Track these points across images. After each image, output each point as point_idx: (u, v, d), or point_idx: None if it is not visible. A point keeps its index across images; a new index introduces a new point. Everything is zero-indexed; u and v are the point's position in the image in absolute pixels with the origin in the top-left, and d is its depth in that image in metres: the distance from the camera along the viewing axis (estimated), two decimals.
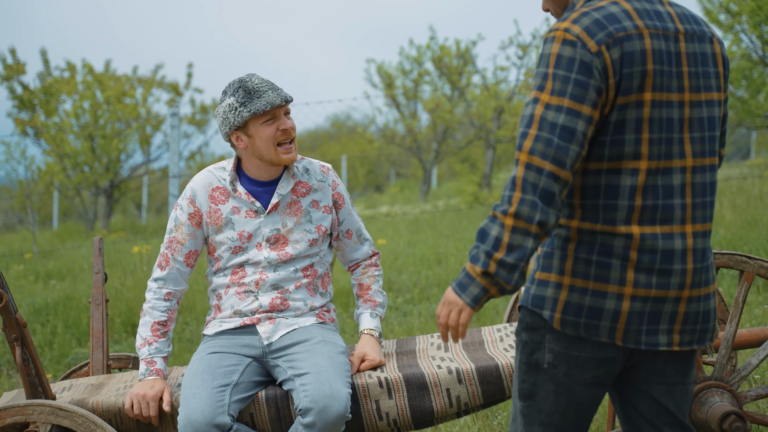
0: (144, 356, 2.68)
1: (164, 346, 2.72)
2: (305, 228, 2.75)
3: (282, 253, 2.71)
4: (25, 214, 16.53)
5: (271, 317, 2.71)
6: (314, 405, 2.43)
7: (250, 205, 2.72)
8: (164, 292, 2.74)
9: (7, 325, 2.54)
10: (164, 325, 2.73)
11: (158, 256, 2.78)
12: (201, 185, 2.75)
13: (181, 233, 2.74)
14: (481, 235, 1.79)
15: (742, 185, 9.02)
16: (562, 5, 1.98)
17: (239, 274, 2.73)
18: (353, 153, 21.75)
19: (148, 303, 2.73)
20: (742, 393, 2.41)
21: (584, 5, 1.87)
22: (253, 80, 2.63)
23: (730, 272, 5.67)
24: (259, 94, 2.62)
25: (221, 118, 2.67)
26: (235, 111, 2.61)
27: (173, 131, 7.02)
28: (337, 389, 2.46)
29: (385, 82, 16.13)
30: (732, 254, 2.43)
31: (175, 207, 2.78)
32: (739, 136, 19.97)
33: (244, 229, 2.71)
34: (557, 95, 1.76)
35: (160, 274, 2.75)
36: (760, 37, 11.10)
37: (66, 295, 6.58)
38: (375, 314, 2.85)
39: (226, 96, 2.67)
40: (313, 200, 2.78)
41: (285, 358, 2.64)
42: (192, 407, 2.42)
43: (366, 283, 2.88)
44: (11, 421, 2.49)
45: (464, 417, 3.72)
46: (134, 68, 15.11)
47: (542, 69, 1.80)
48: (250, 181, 2.75)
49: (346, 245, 2.89)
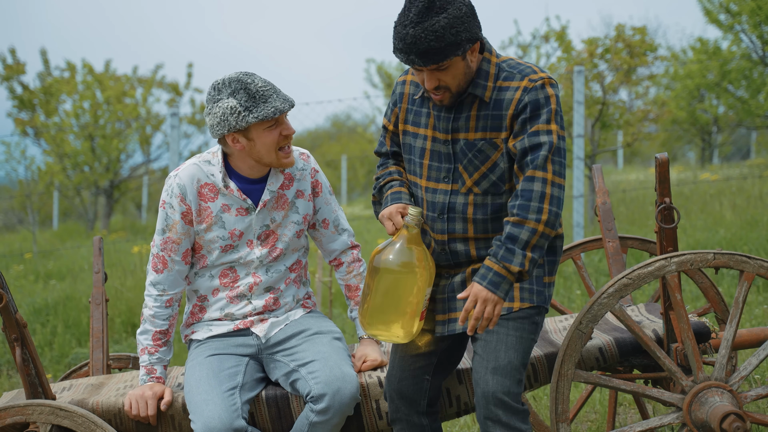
0: (145, 363, 2.66)
1: (165, 354, 2.69)
2: (292, 220, 2.71)
3: (272, 249, 2.68)
4: (25, 214, 16.53)
5: (263, 318, 2.70)
6: (328, 389, 2.42)
7: (242, 202, 2.66)
8: (165, 299, 2.66)
9: (7, 325, 2.54)
10: (166, 333, 2.68)
11: (151, 258, 2.68)
12: (188, 181, 2.62)
13: (175, 233, 2.64)
14: (510, 239, 2.25)
15: (742, 185, 9.03)
16: (469, 77, 2.36)
17: (230, 277, 2.68)
18: (353, 153, 21.73)
19: (149, 310, 2.66)
20: (742, 393, 2.41)
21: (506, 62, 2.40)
22: (256, 82, 2.50)
23: (730, 272, 5.66)
24: (264, 98, 2.50)
25: (218, 119, 2.51)
26: (238, 115, 2.48)
27: (173, 131, 7.02)
28: (347, 372, 2.47)
29: (385, 82, 16.13)
30: (732, 254, 2.43)
31: (162, 205, 2.66)
32: (739, 136, 19.97)
33: (236, 227, 2.66)
34: (562, 129, 2.33)
35: (158, 277, 2.66)
36: (760, 37, 11.09)
37: (66, 295, 6.58)
38: None
39: (222, 95, 2.51)
40: (298, 190, 2.72)
41: (283, 352, 2.63)
42: (209, 414, 2.40)
43: (353, 284, 2.83)
44: (11, 421, 2.49)
45: (464, 416, 3.73)
46: (134, 68, 15.12)
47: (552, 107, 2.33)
48: (238, 177, 2.66)
49: (323, 235, 2.81)
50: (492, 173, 2.36)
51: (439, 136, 2.41)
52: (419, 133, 2.46)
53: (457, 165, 2.39)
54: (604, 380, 2.41)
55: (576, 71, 6.71)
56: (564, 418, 2.38)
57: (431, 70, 2.28)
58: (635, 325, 2.40)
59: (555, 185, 2.27)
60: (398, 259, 2.37)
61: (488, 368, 2.30)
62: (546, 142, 2.27)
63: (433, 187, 2.43)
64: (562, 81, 9.00)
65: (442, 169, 2.42)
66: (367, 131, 18.74)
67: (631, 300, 3.22)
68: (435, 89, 2.32)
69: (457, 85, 2.33)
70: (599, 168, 3.36)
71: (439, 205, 2.42)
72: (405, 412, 2.50)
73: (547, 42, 12.44)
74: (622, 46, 8.70)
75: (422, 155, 2.45)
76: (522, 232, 2.24)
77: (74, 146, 13.74)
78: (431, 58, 2.24)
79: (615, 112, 9.20)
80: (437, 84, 2.30)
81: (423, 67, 2.27)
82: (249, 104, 2.48)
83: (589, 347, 2.64)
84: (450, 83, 2.31)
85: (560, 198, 2.29)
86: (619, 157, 18.65)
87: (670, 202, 2.53)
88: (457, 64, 2.29)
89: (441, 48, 2.22)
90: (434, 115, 2.42)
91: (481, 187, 2.38)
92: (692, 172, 12.54)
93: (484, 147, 2.36)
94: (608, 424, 3.27)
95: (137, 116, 14.31)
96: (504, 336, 2.34)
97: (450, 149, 2.40)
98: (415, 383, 2.50)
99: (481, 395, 2.30)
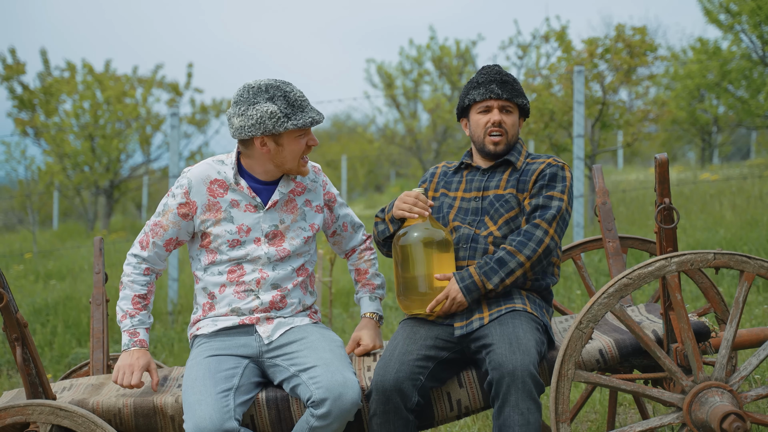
0: (127, 328, 2.71)
1: (146, 317, 2.75)
2: (300, 225, 2.79)
3: (280, 248, 2.74)
4: (25, 214, 16.54)
5: (270, 317, 2.72)
6: (329, 394, 2.43)
7: (251, 199, 2.73)
8: (143, 267, 2.76)
9: (7, 325, 2.54)
10: (145, 298, 2.75)
11: (141, 232, 2.80)
12: (199, 177, 2.73)
13: (166, 219, 2.73)
14: (499, 262, 2.65)
15: (742, 185, 9.03)
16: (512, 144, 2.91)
17: (237, 272, 2.73)
18: (353, 153, 21.74)
19: (127, 276, 2.75)
20: (743, 393, 2.41)
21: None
22: (295, 91, 2.63)
23: (730, 272, 5.67)
24: (302, 108, 2.63)
25: (253, 121, 2.59)
26: (277, 120, 2.58)
27: (173, 131, 7.02)
28: (349, 378, 2.48)
29: (385, 82, 16.13)
30: (732, 254, 2.43)
31: (168, 192, 2.78)
32: (739, 136, 19.98)
33: (243, 222, 2.72)
34: (571, 206, 2.82)
35: (140, 252, 2.76)
36: (760, 37, 11.09)
37: (66, 295, 6.58)
38: (374, 296, 2.97)
39: (259, 99, 2.59)
40: (307, 199, 2.84)
41: (284, 356, 2.64)
42: (200, 415, 2.42)
43: (363, 268, 3.00)
44: (11, 421, 2.49)
45: (464, 418, 3.73)
46: (134, 68, 15.13)
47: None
48: (250, 178, 2.76)
49: (344, 238, 3.00)
50: (513, 222, 2.77)
51: (469, 195, 2.85)
52: (449, 194, 2.91)
53: (484, 216, 2.80)
54: (604, 380, 2.41)
55: (576, 71, 6.71)
56: (564, 418, 2.38)
57: (501, 106, 2.82)
58: (635, 325, 2.40)
59: (553, 240, 2.69)
60: (421, 234, 2.69)
61: (512, 348, 2.46)
62: (557, 205, 2.72)
63: (458, 225, 2.81)
64: (562, 81, 9.01)
65: (467, 219, 2.82)
66: (367, 131, 18.73)
67: (631, 300, 3.22)
68: (499, 126, 2.81)
69: (510, 137, 2.85)
70: (599, 168, 3.36)
71: (464, 237, 2.77)
72: (395, 404, 2.51)
73: (547, 42, 12.45)
74: (622, 46, 8.70)
75: (450, 208, 2.87)
76: (511, 262, 2.65)
77: (74, 146, 13.74)
78: (508, 90, 2.83)
79: (615, 112, 9.20)
80: (501, 122, 2.81)
81: (498, 97, 2.81)
82: (288, 111, 2.61)
83: (589, 349, 2.65)
84: (508, 129, 2.83)
85: (552, 252, 2.70)
86: (619, 157, 18.66)
87: (670, 203, 2.53)
88: (516, 114, 2.87)
89: (517, 87, 2.86)
90: (467, 179, 2.90)
91: (501, 231, 2.76)
92: (692, 172, 12.54)
93: (510, 198, 2.79)
94: (608, 424, 3.28)
95: (137, 116, 14.31)
96: (519, 323, 2.58)
97: (479, 204, 2.83)
98: (411, 379, 2.53)
99: (510, 371, 2.41)
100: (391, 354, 2.60)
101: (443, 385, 2.63)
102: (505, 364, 2.42)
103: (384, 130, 17.18)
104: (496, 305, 2.67)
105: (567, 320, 3.07)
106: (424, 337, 2.65)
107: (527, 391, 2.40)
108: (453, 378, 2.63)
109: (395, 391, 2.51)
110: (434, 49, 15.37)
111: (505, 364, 2.42)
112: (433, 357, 2.61)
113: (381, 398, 2.52)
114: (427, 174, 3.03)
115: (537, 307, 2.71)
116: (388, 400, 2.52)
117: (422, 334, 2.66)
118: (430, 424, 2.65)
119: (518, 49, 14.51)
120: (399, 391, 2.51)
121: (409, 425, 2.55)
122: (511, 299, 2.69)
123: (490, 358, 2.47)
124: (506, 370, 2.41)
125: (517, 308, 2.64)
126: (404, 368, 2.54)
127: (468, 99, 2.86)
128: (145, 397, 2.62)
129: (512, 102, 2.83)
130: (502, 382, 2.41)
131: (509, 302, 2.68)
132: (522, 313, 2.63)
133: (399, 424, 2.52)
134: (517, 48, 14.50)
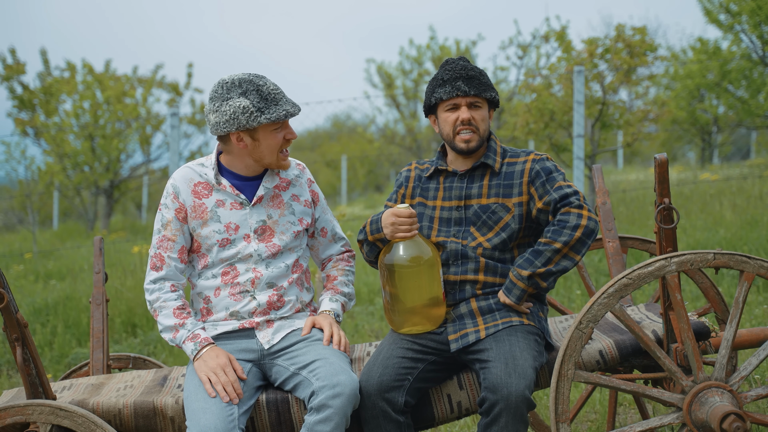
0: (185, 337, 2.61)
1: (196, 321, 2.66)
2: (289, 220, 2.76)
3: (270, 244, 2.71)
4: (25, 214, 16.53)
5: (269, 320, 2.71)
6: (328, 382, 2.42)
7: (235, 197, 2.71)
8: (168, 285, 2.67)
9: (8, 325, 2.54)
10: (184, 308, 2.65)
11: (150, 259, 2.71)
12: (182, 181, 2.71)
13: (170, 231, 2.69)
14: (534, 254, 2.59)
15: (742, 185, 9.02)
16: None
17: (231, 274, 2.70)
18: (353, 153, 21.74)
19: (157, 301, 2.65)
20: (742, 393, 2.41)
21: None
22: (268, 85, 2.59)
23: (730, 272, 5.66)
24: (275, 101, 2.59)
25: (227, 117, 2.57)
26: (250, 114, 2.55)
27: (173, 131, 7.02)
28: (349, 372, 2.48)
29: (385, 82, 16.14)
30: (732, 254, 2.43)
31: (160, 207, 2.74)
32: (739, 136, 19.98)
33: (231, 220, 2.70)
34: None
35: (158, 274, 2.67)
36: (760, 37, 11.09)
37: (66, 295, 6.58)
38: (335, 299, 2.83)
39: (232, 94, 2.57)
40: (293, 194, 2.80)
41: (285, 357, 2.63)
42: (205, 423, 2.40)
43: (333, 275, 2.89)
44: (11, 421, 2.49)
45: (464, 418, 3.73)
46: (134, 68, 15.12)
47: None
48: (232, 175, 2.72)
49: (320, 243, 2.91)
50: (504, 232, 2.69)
51: (450, 204, 2.76)
52: (428, 203, 2.81)
53: (469, 227, 2.72)
54: (604, 380, 2.41)
55: (576, 71, 6.71)
56: (564, 418, 2.38)
57: (469, 102, 2.71)
58: (635, 325, 2.40)
59: (591, 219, 2.58)
60: (409, 253, 2.60)
61: (509, 370, 2.42)
62: (572, 192, 2.63)
63: (443, 240, 2.72)
64: (562, 81, 9.01)
65: (451, 231, 2.73)
66: (367, 131, 18.74)
67: (631, 300, 3.22)
68: (468, 124, 2.70)
69: (482, 132, 2.73)
70: (599, 168, 3.36)
71: (452, 253, 2.70)
72: (381, 408, 2.50)
73: (547, 42, 12.44)
74: (622, 46, 8.70)
75: (431, 221, 2.78)
76: (547, 250, 2.57)
77: (74, 146, 13.74)
78: (475, 85, 2.71)
79: (615, 112, 9.20)
80: (470, 119, 2.70)
81: (466, 94, 2.69)
82: (261, 105, 2.57)
83: (589, 350, 2.64)
84: (479, 125, 2.72)
85: (594, 231, 2.58)
86: (619, 157, 18.66)
87: (670, 203, 2.53)
88: (485, 108, 2.75)
89: (484, 81, 2.74)
90: (445, 187, 2.79)
91: (492, 242, 2.69)
92: (692, 172, 12.54)
93: (497, 209, 2.70)
94: (608, 424, 3.28)
95: (137, 116, 14.30)
96: (516, 341, 2.53)
97: (462, 214, 2.74)
98: (396, 381, 2.53)
99: (504, 397, 2.37)
100: (375, 359, 2.60)
101: (440, 385, 2.63)
102: (500, 389, 2.37)
103: (384, 130, 17.18)
104: (492, 319, 2.62)
105: (567, 320, 3.07)
106: (411, 340, 2.64)
107: (519, 416, 2.38)
108: (453, 379, 2.63)
109: (379, 396, 2.50)
110: (434, 49, 15.37)
111: (500, 388, 2.38)
112: (421, 359, 2.59)
113: (367, 404, 2.52)
114: (401, 177, 2.92)
115: (532, 315, 2.66)
116: (374, 405, 2.51)
117: (409, 338, 2.65)
118: (430, 424, 2.65)
119: (518, 49, 14.51)
120: (383, 396, 2.50)
121: (401, 427, 2.53)
122: (506, 312, 2.64)
123: (485, 375, 2.44)
124: (501, 395, 2.37)
125: (513, 323, 2.59)
126: (388, 371, 2.53)
127: (434, 98, 2.74)
128: (145, 398, 2.62)
129: (480, 97, 2.72)
130: (496, 406, 2.38)
131: (505, 316, 2.62)
132: (518, 328, 2.58)
133: (390, 427, 2.52)
134: (517, 48, 14.50)
